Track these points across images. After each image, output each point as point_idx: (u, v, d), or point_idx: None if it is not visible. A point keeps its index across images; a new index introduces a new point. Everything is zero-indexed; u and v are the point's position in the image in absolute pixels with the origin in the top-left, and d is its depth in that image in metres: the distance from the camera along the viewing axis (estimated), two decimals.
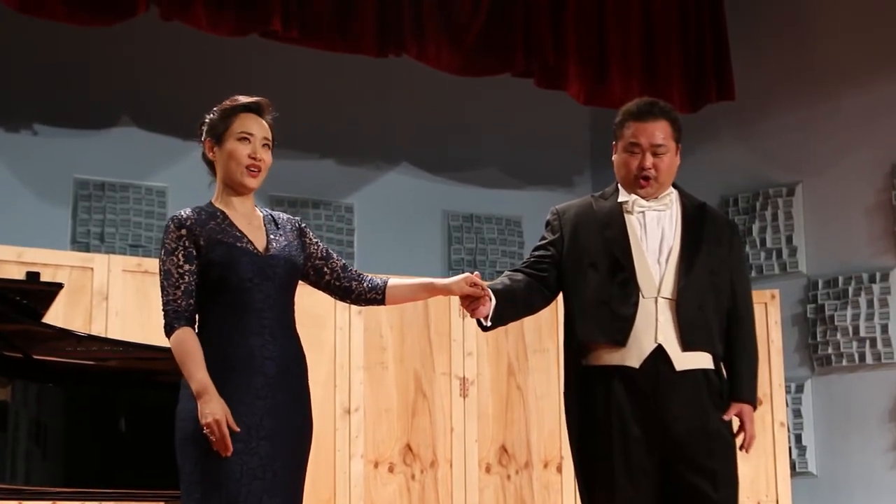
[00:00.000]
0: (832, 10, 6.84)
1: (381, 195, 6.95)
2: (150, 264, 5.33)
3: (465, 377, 5.80)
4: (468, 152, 7.20)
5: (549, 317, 5.72)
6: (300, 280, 3.24)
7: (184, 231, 3.08)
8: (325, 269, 3.28)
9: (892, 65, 6.61)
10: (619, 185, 3.52)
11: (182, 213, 3.13)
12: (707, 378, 3.38)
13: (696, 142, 6.94)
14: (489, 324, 3.42)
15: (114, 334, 4.92)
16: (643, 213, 3.46)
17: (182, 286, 3.05)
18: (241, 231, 3.13)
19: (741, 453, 3.44)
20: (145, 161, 6.39)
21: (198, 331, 3.08)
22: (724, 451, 3.37)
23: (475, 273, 3.38)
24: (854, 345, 6.48)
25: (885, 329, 6.41)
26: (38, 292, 3.88)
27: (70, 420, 3.74)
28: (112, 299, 5.16)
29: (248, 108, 3.18)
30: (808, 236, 6.78)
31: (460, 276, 3.37)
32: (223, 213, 3.15)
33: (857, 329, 6.49)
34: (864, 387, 6.46)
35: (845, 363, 6.51)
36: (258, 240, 3.14)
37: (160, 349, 4.02)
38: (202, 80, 6.23)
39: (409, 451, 5.67)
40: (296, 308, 3.19)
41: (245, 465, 2.97)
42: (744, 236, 6.94)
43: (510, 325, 5.75)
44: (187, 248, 3.07)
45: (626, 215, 3.46)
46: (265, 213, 3.24)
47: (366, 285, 3.31)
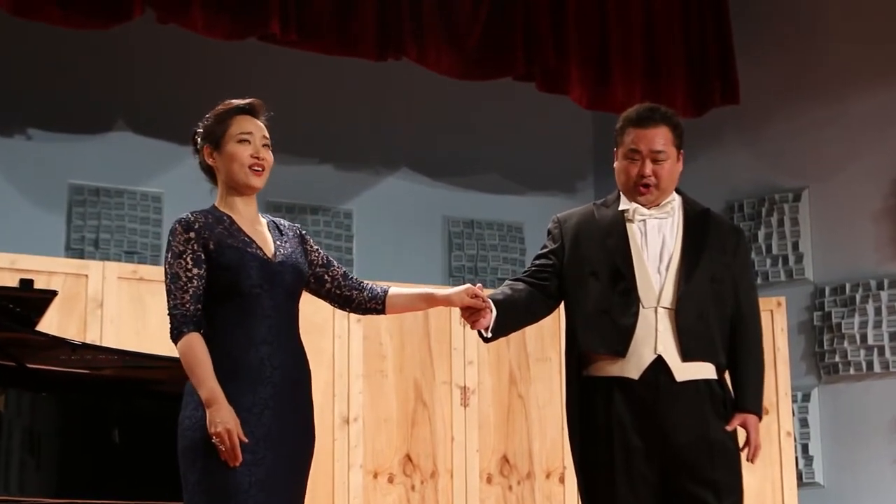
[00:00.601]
0: (838, 13, 6.85)
1: (380, 201, 6.95)
2: (145, 271, 5.33)
3: (465, 386, 5.80)
4: (469, 157, 7.20)
5: (551, 325, 5.72)
6: None
7: (192, 234, 3.06)
8: (326, 276, 3.28)
9: None
10: (620, 193, 3.53)
11: (189, 216, 3.10)
12: (710, 388, 3.38)
13: (701, 146, 6.94)
14: (490, 335, 3.43)
15: (109, 342, 4.92)
16: (644, 221, 3.46)
17: (190, 290, 3.03)
18: (248, 236, 3.12)
19: (747, 463, 3.44)
20: (141, 166, 6.38)
21: (204, 337, 3.05)
22: (726, 461, 3.36)
23: (478, 285, 3.38)
24: (862, 353, 6.48)
25: (893, 337, 6.41)
26: (32, 300, 3.88)
27: (64, 430, 3.74)
28: (107, 307, 5.16)
29: (242, 110, 3.18)
30: (814, 243, 6.78)
31: (461, 288, 3.37)
32: (229, 217, 3.14)
33: (864, 337, 6.49)
34: (871, 396, 6.46)
35: (853, 371, 6.50)
36: (266, 245, 3.14)
37: (156, 358, 4.03)
38: (199, 85, 6.23)
39: (409, 461, 5.67)
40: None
41: (253, 475, 2.96)
42: (749, 243, 6.92)
43: (512, 335, 5.77)
44: (195, 251, 3.05)
45: (627, 224, 3.47)
46: (268, 219, 3.24)
47: (366, 295, 3.30)
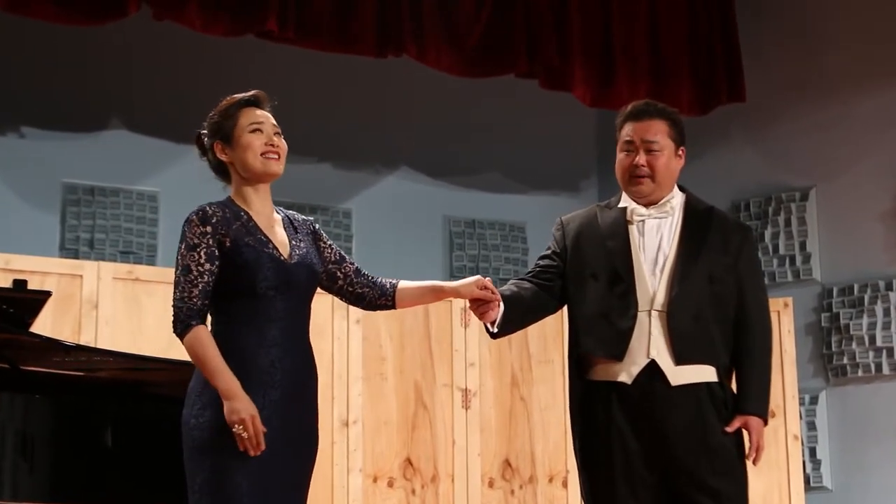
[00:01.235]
0: (845, 12, 6.85)
1: (380, 200, 6.95)
2: (141, 272, 5.34)
3: (467, 388, 5.80)
4: (470, 156, 7.21)
5: (553, 327, 5.72)
6: None
7: (208, 228, 3.04)
8: (339, 273, 3.29)
9: None
10: (623, 193, 3.55)
11: (207, 209, 3.07)
12: (710, 391, 3.37)
13: (706, 145, 6.95)
14: (497, 330, 3.44)
15: (103, 344, 4.92)
16: (643, 221, 3.48)
17: (200, 285, 3.00)
18: (265, 235, 3.11)
19: (753, 467, 3.44)
20: (136, 165, 6.39)
21: (213, 335, 3.04)
22: (728, 467, 3.36)
23: (487, 279, 3.40)
24: (870, 354, 6.48)
25: None
26: (26, 301, 3.89)
27: (58, 433, 3.75)
28: (102, 308, 5.17)
29: (248, 103, 3.18)
30: (822, 242, 6.78)
31: (470, 279, 3.38)
32: (247, 213, 3.12)
33: (873, 338, 6.49)
34: (880, 398, 6.46)
35: (861, 373, 6.50)
36: (282, 245, 3.13)
37: (152, 360, 4.04)
38: (195, 82, 6.24)
39: (410, 465, 5.67)
40: None
41: (259, 479, 2.96)
42: (756, 243, 6.93)
43: (514, 335, 5.75)
44: (210, 246, 3.03)
45: (628, 225, 3.48)
46: (282, 214, 3.23)
47: (376, 291, 3.31)
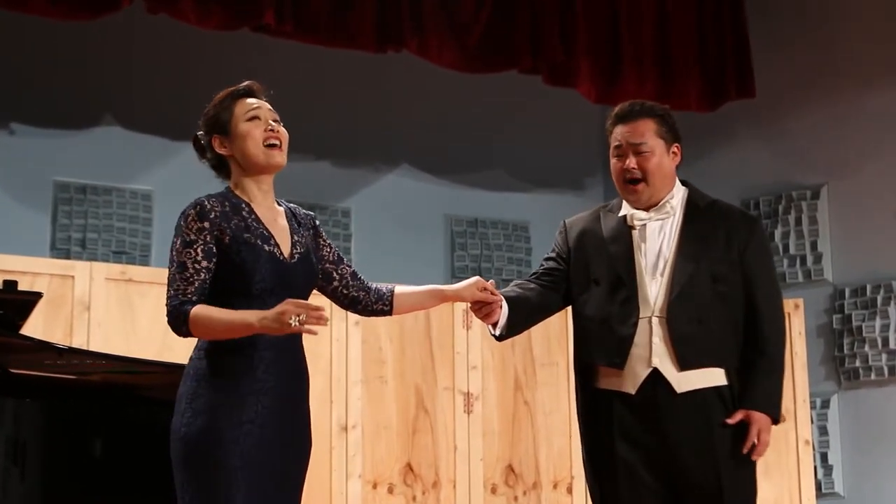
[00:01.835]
0: (857, 6, 6.85)
1: (379, 199, 6.95)
2: (134, 272, 5.33)
3: (469, 392, 5.80)
4: (472, 153, 7.20)
5: (558, 328, 5.72)
6: None
7: (206, 224, 2.99)
8: (335, 274, 3.25)
9: None
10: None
11: (206, 202, 3.02)
12: (719, 395, 3.35)
13: (715, 142, 6.94)
14: (501, 332, 3.44)
15: (96, 347, 4.91)
16: (644, 225, 3.46)
17: (196, 283, 2.97)
18: (268, 230, 3.06)
19: (764, 473, 3.43)
20: (130, 163, 6.38)
21: (202, 340, 3.01)
22: (736, 477, 3.33)
23: (490, 281, 3.38)
24: (883, 357, 6.48)
25: None
26: (16, 302, 3.88)
27: (50, 438, 3.74)
28: (94, 310, 5.16)
29: (242, 93, 3.15)
30: (833, 242, 6.78)
31: (470, 281, 3.36)
32: (248, 205, 3.08)
33: (886, 340, 6.48)
34: (894, 402, 6.46)
35: (874, 377, 6.50)
36: (284, 242, 3.08)
37: (146, 363, 4.04)
38: (190, 78, 6.23)
39: (410, 470, 5.67)
40: None
41: (252, 489, 2.94)
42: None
43: (517, 338, 5.73)
44: (208, 242, 2.98)
45: (631, 229, 3.47)
46: (284, 207, 3.19)
47: (372, 296, 3.27)
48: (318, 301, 3.32)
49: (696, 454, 3.31)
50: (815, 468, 6.31)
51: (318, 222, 3.27)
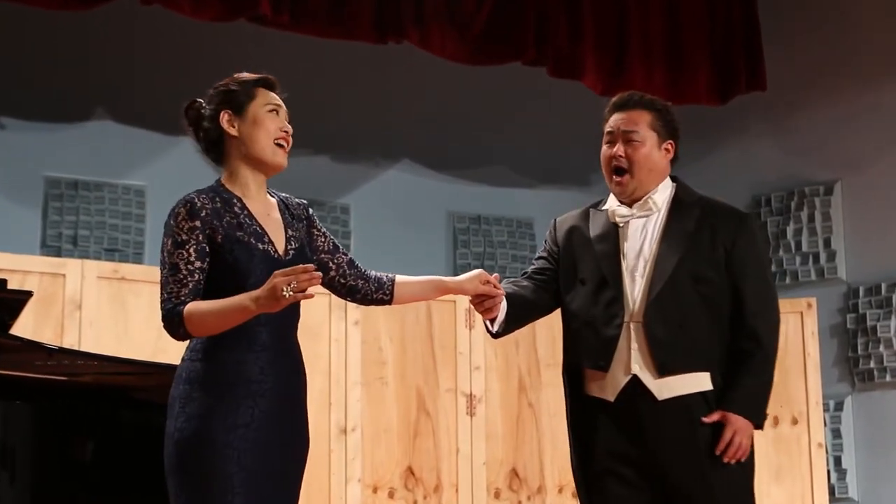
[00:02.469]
0: None
1: (379, 195, 6.94)
2: (127, 270, 5.32)
3: (472, 394, 5.80)
4: (475, 148, 7.20)
5: (562, 329, 5.71)
6: None
7: (197, 222, 2.96)
8: (331, 264, 3.23)
9: None
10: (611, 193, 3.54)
11: (195, 200, 2.99)
12: (705, 401, 3.31)
13: (725, 137, 6.93)
14: (499, 328, 3.43)
15: (87, 347, 4.92)
16: (627, 222, 3.44)
17: (190, 284, 2.94)
18: (261, 226, 3.04)
19: (775, 478, 3.41)
20: (122, 157, 6.38)
21: (195, 342, 2.99)
22: (726, 484, 3.30)
23: (494, 275, 3.38)
24: None
25: None
26: (6, 301, 3.88)
27: (40, 441, 3.74)
28: (86, 309, 5.15)
29: (268, 85, 3.14)
30: (847, 239, 6.77)
31: (472, 273, 3.36)
32: (240, 199, 3.05)
33: None
34: None
35: (889, 378, 6.50)
36: (278, 238, 3.06)
37: (138, 363, 4.03)
38: (184, 70, 6.22)
39: (411, 474, 5.67)
40: None
41: (249, 493, 2.93)
42: (777, 239, 6.93)
43: (521, 338, 5.76)
44: (200, 242, 2.95)
45: (618, 227, 3.45)
46: (277, 198, 3.17)
47: (372, 285, 3.27)
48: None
49: (684, 463, 3.28)
50: (828, 472, 6.30)
51: (311, 211, 3.24)
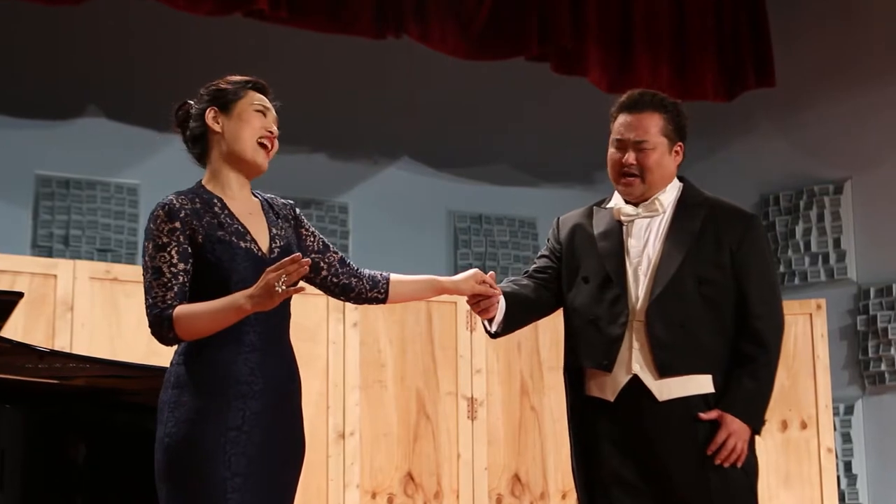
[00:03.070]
0: None
1: (378, 193, 6.95)
2: (119, 271, 5.33)
3: (473, 397, 5.80)
4: (477, 146, 7.20)
5: None
6: None
7: (177, 223, 2.97)
8: (322, 263, 3.24)
9: None
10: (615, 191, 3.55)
11: (174, 201, 3.00)
12: (707, 404, 3.31)
13: (732, 134, 6.93)
14: (497, 328, 3.44)
15: (79, 349, 4.92)
16: (632, 221, 3.45)
17: (175, 287, 2.94)
18: (243, 225, 3.04)
19: (785, 483, 3.42)
20: (115, 155, 6.39)
21: (184, 345, 2.99)
22: (728, 488, 3.30)
23: (490, 273, 3.38)
24: None
25: None
26: None
27: (31, 445, 3.74)
28: (78, 310, 5.16)
29: (258, 88, 3.16)
30: (857, 239, 6.77)
31: (468, 273, 3.38)
32: (220, 200, 3.06)
33: None
34: None
35: None
36: (261, 237, 3.07)
37: (131, 366, 4.03)
38: (179, 67, 6.23)
39: (411, 480, 5.67)
40: None
41: (244, 499, 2.93)
42: (785, 239, 6.93)
43: (524, 340, 5.76)
44: (182, 243, 2.96)
45: (622, 226, 3.46)
46: (260, 198, 3.17)
47: (366, 283, 3.29)
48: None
49: (685, 466, 3.29)
50: (837, 478, 6.29)
51: (298, 211, 3.24)
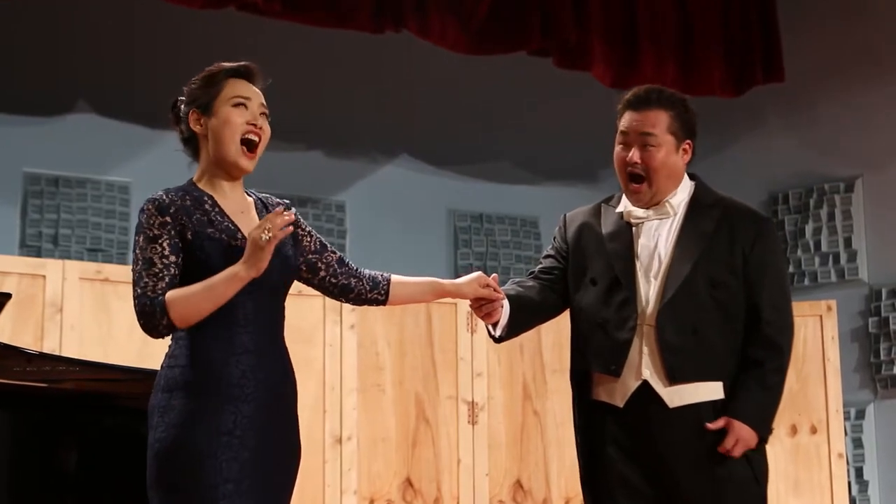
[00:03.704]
0: None
1: (376, 192, 6.94)
2: (110, 271, 5.32)
3: (474, 401, 5.80)
4: (477, 142, 7.20)
5: (569, 333, 5.71)
6: None
7: (168, 218, 2.97)
8: (320, 264, 3.23)
9: None
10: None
11: (163, 197, 3.00)
12: (716, 412, 3.31)
13: (740, 130, 6.93)
14: (501, 333, 3.43)
15: (69, 352, 4.92)
16: (641, 223, 3.44)
17: (167, 278, 2.93)
18: (234, 224, 3.04)
19: (795, 489, 3.42)
20: (106, 152, 6.38)
21: (173, 348, 2.99)
22: (737, 496, 3.31)
23: (493, 276, 3.38)
24: None
25: None
26: None
27: (18, 451, 3.73)
28: (67, 311, 5.16)
29: (237, 73, 3.12)
30: (869, 239, 6.78)
31: (472, 276, 3.37)
32: (211, 197, 3.06)
33: None
34: None
35: None
36: None
37: (123, 369, 4.03)
38: (171, 62, 6.21)
39: (410, 486, 5.67)
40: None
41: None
42: (795, 239, 6.93)
43: (526, 342, 5.75)
44: (173, 237, 2.96)
45: (631, 226, 3.45)
46: (255, 197, 3.17)
47: (366, 284, 3.28)
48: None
49: (694, 474, 3.29)
50: (849, 484, 6.30)
51: (293, 210, 3.24)
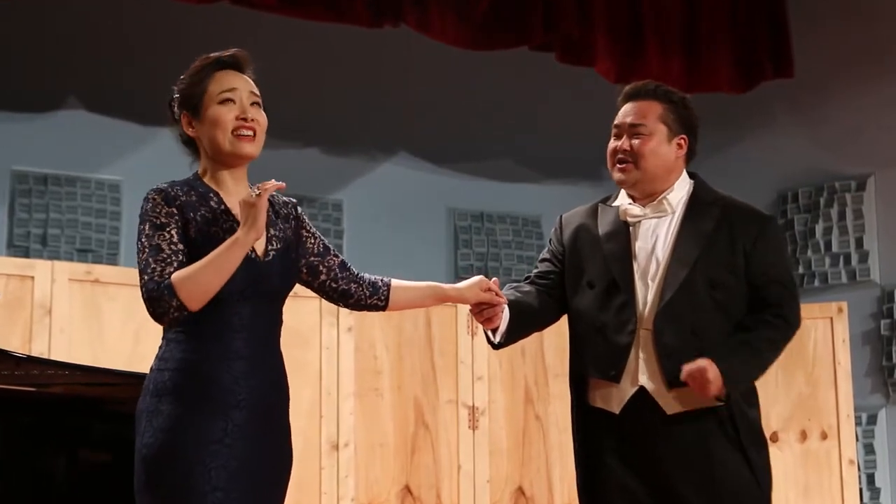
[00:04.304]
0: None
1: (374, 190, 6.94)
2: (100, 272, 5.32)
3: (474, 406, 5.80)
4: (478, 140, 7.19)
5: None
6: None
7: (174, 209, 2.96)
8: (321, 267, 3.22)
9: None
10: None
11: (169, 189, 2.99)
12: (717, 419, 3.31)
13: (749, 127, 6.93)
14: (501, 339, 3.43)
15: (58, 355, 4.91)
16: (638, 222, 3.44)
17: (175, 263, 2.91)
18: (238, 223, 3.00)
19: (805, 494, 3.41)
20: (96, 150, 6.38)
21: (164, 350, 2.99)
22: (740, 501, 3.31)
23: (494, 280, 3.38)
24: None
25: None
26: None
27: (6, 457, 3.73)
28: (56, 314, 5.15)
29: (223, 65, 3.12)
30: (881, 239, 6.78)
31: (473, 280, 3.37)
32: (217, 194, 3.04)
33: None
34: None
35: None
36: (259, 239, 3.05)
37: (113, 373, 4.03)
38: (163, 57, 6.19)
39: (409, 493, 5.67)
40: None
41: None
42: (805, 239, 6.93)
43: (528, 345, 5.74)
44: (180, 227, 2.95)
45: (629, 226, 3.45)
46: None
47: (366, 289, 3.28)
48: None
49: (694, 483, 3.28)
50: (860, 491, 6.30)
51: (300, 210, 3.23)
